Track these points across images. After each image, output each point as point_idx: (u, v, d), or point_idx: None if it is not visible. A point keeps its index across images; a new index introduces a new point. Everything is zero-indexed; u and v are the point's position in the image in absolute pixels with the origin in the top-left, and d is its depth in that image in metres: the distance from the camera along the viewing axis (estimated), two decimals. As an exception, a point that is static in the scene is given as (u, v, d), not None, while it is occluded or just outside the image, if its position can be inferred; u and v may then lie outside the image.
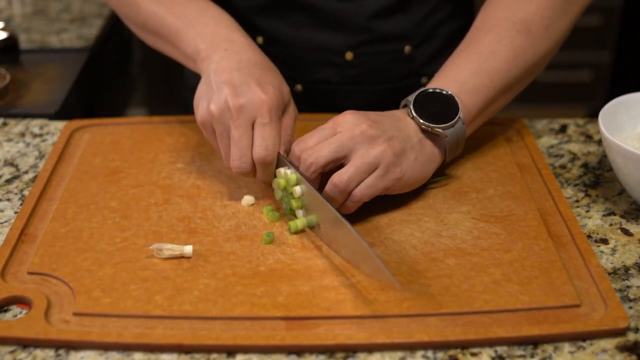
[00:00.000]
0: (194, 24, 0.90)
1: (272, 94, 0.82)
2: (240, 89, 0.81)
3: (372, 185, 0.78)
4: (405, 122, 0.83)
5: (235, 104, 0.80)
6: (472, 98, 0.85)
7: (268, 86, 0.82)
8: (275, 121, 0.82)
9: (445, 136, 0.83)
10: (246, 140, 0.80)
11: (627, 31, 2.50)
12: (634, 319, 0.70)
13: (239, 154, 0.81)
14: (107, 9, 1.58)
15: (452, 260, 0.76)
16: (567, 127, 1.04)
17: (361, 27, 1.02)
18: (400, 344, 0.67)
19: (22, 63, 1.31)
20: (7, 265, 0.76)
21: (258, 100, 0.81)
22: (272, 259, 0.76)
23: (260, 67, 0.85)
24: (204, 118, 0.83)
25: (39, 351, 0.67)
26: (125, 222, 0.82)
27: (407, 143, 0.81)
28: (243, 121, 0.80)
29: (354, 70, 1.06)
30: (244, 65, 0.84)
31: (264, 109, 0.81)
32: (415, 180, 0.82)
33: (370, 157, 0.78)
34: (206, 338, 0.67)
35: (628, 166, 0.81)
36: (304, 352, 0.67)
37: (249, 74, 0.83)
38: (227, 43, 0.87)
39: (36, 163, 0.95)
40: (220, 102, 0.81)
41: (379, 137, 0.79)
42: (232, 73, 0.83)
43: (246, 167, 0.81)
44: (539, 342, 0.68)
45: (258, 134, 0.81)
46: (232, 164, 0.81)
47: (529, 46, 0.88)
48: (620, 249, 0.80)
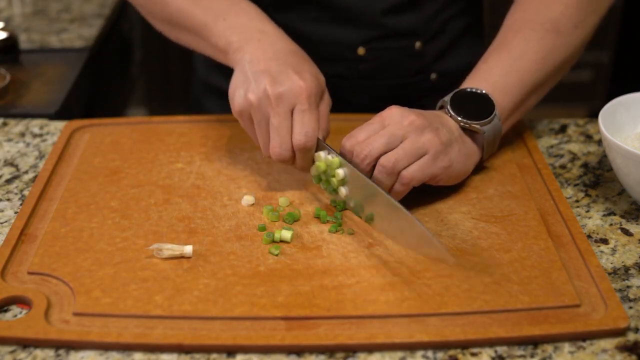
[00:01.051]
0: (224, 17, 0.90)
1: (310, 81, 0.83)
2: (278, 77, 0.82)
3: (422, 169, 0.80)
4: (446, 119, 0.85)
5: (274, 92, 0.81)
6: (504, 96, 0.88)
7: (305, 74, 0.83)
8: (314, 108, 0.83)
9: (483, 132, 0.85)
10: (286, 128, 0.81)
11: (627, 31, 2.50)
12: (634, 319, 0.70)
13: (279, 141, 0.81)
14: (107, 9, 1.58)
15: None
16: (567, 127, 1.04)
17: (373, 23, 1.03)
18: (400, 344, 0.67)
19: (22, 63, 1.31)
20: (7, 265, 0.76)
21: (297, 88, 0.82)
22: (272, 259, 0.76)
23: (296, 55, 0.86)
24: (242, 107, 0.83)
25: (39, 351, 0.67)
26: (125, 222, 0.82)
27: (452, 135, 0.84)
28: (282, 109, 0.81)
29: (365, 65, 1.06)
30: (279, 55, 0.85)
31: (303, 96, 0.81)
32: (459, 172, 0.84)
33: (420, 143, 0.80)
34: (206, 338, 0.67)
35: (628, 166, 0.81)
36: (304, 352, 0.67)
37: (285, 63, 0.84)
38: (260, 34, 0.87)
39: (36, 163, 0.95)
40: (258, 91, 0.82)
41: (427, 126, 0.81)
42: (269, 62, 0.83)
43: (286, 154, 0.82)
44: (539, 342, 0.68)
45: (298, 121, 0.82)
46: (273, 152, 0.82)
47: (558, 45, 0.90)
48: (620, 249, 0.80)
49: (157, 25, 1.00)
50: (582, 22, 0.91)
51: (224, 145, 0.96)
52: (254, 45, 0.86)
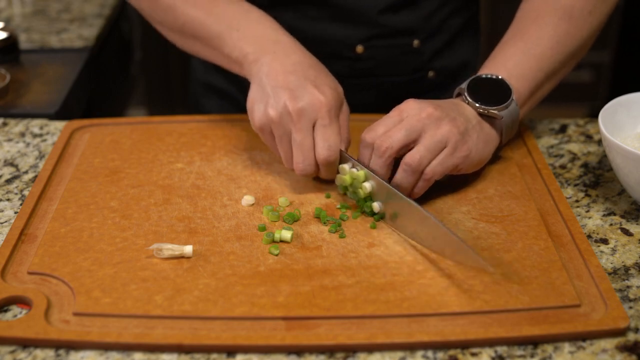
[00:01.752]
0: (237, 27, 0.89)
1: (329, 95, 0.83)
2: (297, 92, 0.82)
3: (442, 163, 0.81)
4: (463, 106, 0.86)
5: (295, 107, 0.81)
6: (521, 82, 0.89)
7: (325, 87, 0.84)
8: (335, 121, 0.83)
9: (501, 117, 0.86)
10: (309, 143, 0.82)
11: (627, 31, 2.50)
12: (634, 319, 0.70)
13: (303, 156, 0.82)
14: (107, 9, 1.58)
15: (451, 260, 0.76)
16: (567, 127, 1.04)
17: (372, 21, 1.03)
18: (400, 344, 0.67)
19: (22, 63, 1.31)
20: (7, 265, 0.76)
21: (317, 103, 0.82)
22: (272, 259, 0.76)
23: (314, 68, 0.86)
24: (263, 122, 0.84)
25: (39, 351, 0.67)
26: (125, 222, 0.82)
27: (469, 123, 0.84)
28: (304, 124, 0.82)
29: (363, 63, 1.06)
30: (297, 68, 0.85)
31: (323, 111, 0.82)
32: (480, 158, 0.85)
33: (439, 136, 0.81)
34: (206, 338, 0.67)
35: (628, 166, 0.81)
36: (304, 352, 0.67)
37: (304, 76, 0.84)
38: (275, 45, 0.87)
39: (36, 163, 0.95)
40: (279, 107, 0.82)
41: (444, 117, 0.82)
42: (287, 76, 0.83)
43: (310, 169, 0.83)
44: (539, 342, 0.68)
45: (320, 135, 0.82)
46: (296, 167, 0.83)
47: (572, 32, 0.92)
48: (620, 249, 0.80)
49: (169, 35, 0.99)
50: (595, 9, 0.93)
51: (224, 145, 0.96)
52: (269, 57, 0.86)
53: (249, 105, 0.85)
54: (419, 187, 0.82)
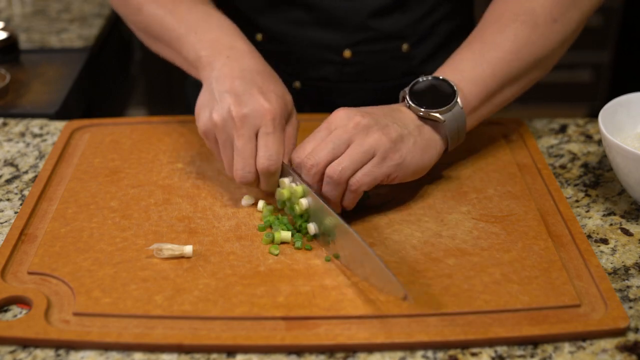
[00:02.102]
0: (196, 30, 0.89)
1: (275, 102, 0.81)
2: (243, 97, 0.81)
3: (369, 173, 0.78)
4: (401, 111, 0.83)
5: (238, 113, 0.80)
6: (473, 87, 0.85)
7: (271, 94, 0.82)
8: (279, 130, 0.81)
9: (443, 121, 0.82)
10: (250, 150, 0.80)
11: (627, 31, 2.50)
12: (634, 319, 0.70)
13: (243, 163, 0.80)
14: (107, 9, 1.58)
15: (452, 260, 0.76)
16: (567, 127, 1.04)
17: (360, 25, 1.03)
18: (400, 344, 0.67)
19: (22, 63, 1.31)
20: (7, 265, 0.76)
21: (261, 110, 0.80)
22: (272, 259, 0.76)
23: (263, 75, 0.85)
24: (207, 127, 0.82)
25: (39, 351, 0.67)
26: (125, 222, 0.82)
27: (404, 129, 0.81)
28: (246, 131, 0.80)
29: (352, 68, 1.06)
30: (246, 74, 0.83)
31: (267, 118, 0.80)
32: (417, 166, 0.81)
33: (366, 145, 0.78)
34: (206, 338, 0.67)
35: (628, 166, 0.81)
36: (304, 352, 0.67)
37: (251, 82, 0.82)
38: (229, 50, 0.86)
39: (36, 163, 0.95)
40: (223, 112, 0.80)
41: (373, 125, 0.79)
42: (234, 81, 0.82)
43: (250, 177, 0.81)
44: (539, 342, 0.68)
45: (262, 144, 0.80)
46: (236, 174, 0.81)
47: (536, 38, 0.87)
48: (620, 249, 0.80)
49: (138, 36, 0.99)
50: (562, 16, 0.88)
51: (224, 145, 0.96)
52: (221, 62, 0.84)
53: (197, 109, 0.84)
54: (347, 199, 0.79)
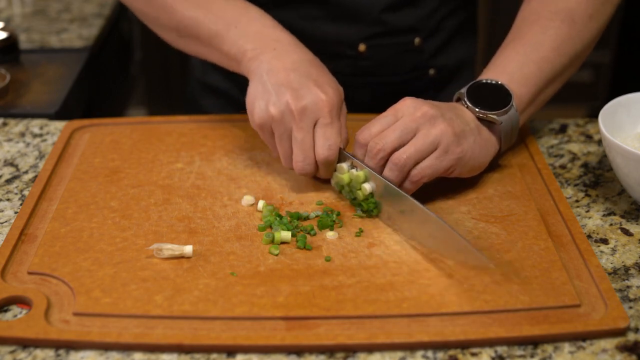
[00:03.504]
0: (236, 25, 0.89)
1: (332, 94, 0.83)
2: (300, 91, 0.82)
3: (431, 165, 0.80)
4: (462, 109, 0.85)
5: (298, 106, 0.81)
6: (522, 87, 0.88)
7: (327, 87, 0.83)
8: (337, 120, 0.83)
9: (500, 123, 0.85)
10: (309, 142, 0.82)
11: (627, 31, 2.50)
12: (634, 319, 0.70)
13: (303, 155, 0.82)
14: (107, 9, 1.58)
15: (452, 260, 0.76)
16: (567, 127, 1.04)
17: (374, 20, 1.03)
18: (400, 344, 0.67)
19: (22, 63, 1.31)
20: (7, 265, 0.76)
21: (320, 102, 0.82)
22: (272, 259, 0.76)
23: (314, 66, 0.86)
24: (263, 120, 0.83)
25: (39, 351, 0.67)
26: (125, 222, 0.82)
27: (466, 126, 0.83)
28: (306, 123, 0.81)
29: (365, 62, 1.07)
30: (298, 66, 0.84)
31: (325, 110, 0.82)
32: (475, 163, 0.84)
33: (432, 136, 0.80)
34: (206, 338, 0.67)
35: (628, 166, 0.81)
36: (304, 352, 0.67)
37: (306, 75, 0.83)
38: (276, 43, 0.87)
39: (36, 163, 0.95)
40: (281, 105, 0.81)
41: (439, 116, 0.81)
42: (289, 74, 0.83)
43: (309, 168, 0.83)
44: (539, 342, 0.68)
45: (320, 135, 0.82)
46: (296, 166, 0.82)
47: (574, 35, 0.90)
48: (620, 249, 0.80)
49: (163, 34, 0.98)
50: (597, 12, 0.92)
51: (224, 145, 0.96)
52: (270, 55, 0.85)
53: (249, 102, 0.85)
54: (405, 189, 0.81)
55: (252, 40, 0.87)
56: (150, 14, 0.97)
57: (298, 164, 0.83)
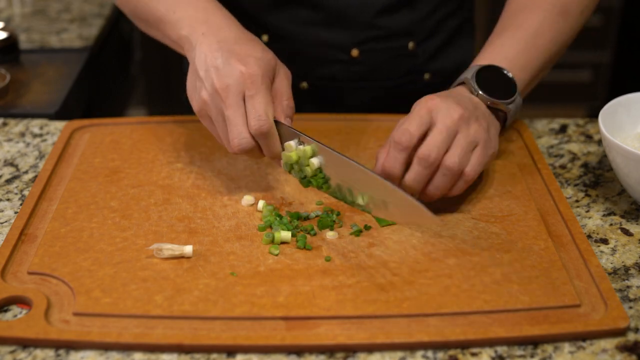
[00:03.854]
0: (174, 9, 0.89)
1: (252, 64, 0.81)
2: (223, 70, 0.81)
3: (480, 162, 0.81)
4: (473, 99, 0.86)
5: (221, 85, 0.80)
6: (521, 73, 0.90)
7: (249, 58, 0.82)
8: (264, 90, 0.81)
9: (509, 110, 0.87)
10: (240, 117, 0.80)
11: (627, 31, 2.50)
12: (634, 319, 0.70)
13: (236, 131, 0.80)
14: (107, 9, 1.58)
15: (452, 260, 0.76)
16: (567, 127, 1.04)
17: (367, 24, 1.03)
18: (400, 344, 0.67)
19: (22, 63, 1.31)
20: (7, 265, 0.76)
21: (239, 75, 0.80)
22: (272, 259, 0.76)
23: (240, 42, 0.84)
24: (200, 107, 0.83)
25: (39, 351, 0.67)
26: (125, 222, 0.82)
27: (487, 119, 0.85)
28: (232, 99, 0.80)
29: (359, 66, 1.06)
30: (223, 45, 0.83)
31: (248, 82, 0.80)
32: (496, 150, 0.85)
33: (470, 137, 0.81)
34: (206, 338, 0.67)
35: (628, 166, 0.81)
36: (304, 352, 0.67)
37: (229, 52, 0.82)
38: (205, 25, 0.86)
39: (36, 163, 0.95)
40: (209, 88, 0.81)
41: (471, 117, 0.82)
42: (214, 55, 0.82)
43: (246, 142, 0.80)
44: (539, 342, 0.68)
45: (249, 107, 0.80)
46: (232, 144, 0.81)
47: (566, 28, 0.94)
48: (620, 249, 0.80)
49: (134, 22, 0.99)
50: (586, 9, 0.96)
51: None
52: (199, 40, 0.85)
53: (188, 93, 0.85)
54: (457, 188, 0.81)
55: (186, 25, 0.87)
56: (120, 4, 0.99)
57: (234, 141, 0.80)
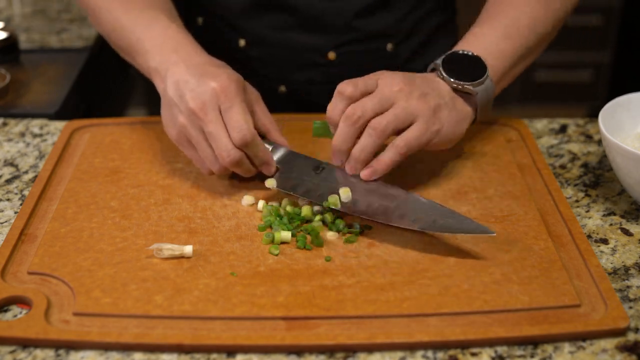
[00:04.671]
0: (144, 39, 0.89)
1: (224, 79, 0.82)
2: (197, 90, 0.81)
3: (415, 136, 0.81)
4: (437, 82, 0.86)
5: (197, 104, 0.81)
6: (497, 61, 0.90)
7: (218, 76, 0.82)
8: (238, 101, 0.81)
9: (476, 93, 0.86)
10: (222, 130, 0.81)
11: (627, 31, 2.50)
12: (634, 319, 0.70)
13: (222, 145, 0.80)
14: (107, 9, 1.57)
15: (452, 260, 0.76)
16: (567, 127, 1.04)
17: (344, 27, 1.03)
18: (400, 344, 0.67)
19: (22, 63, 1.31)
20: (7, 265, 0.76)
21: (212, 91, 0.81)
22: (272, 259, 0.76)
23: (211, 64, 0.85)
24: (178, 132, 0.83)
25: (39, 351, 0.67)
26: (125, 222, 0.82)
27: (441, 99, 0.84)
28: (211, 115, 0.81)
29: (337, 69, 1.06)
30: (194, 70, 0.84)
31: (222, 96, 0.81)
32: (452, 135, 0.85)
33: (410, 108, 0.81)
34: (206, 338, 0.67)
35: (628, 166, 0.81)
36: (304, 352, 0.67)
37: (200, 74, 0.83)
38: (174, 55, 0.86)
39: (36, 163, 0.95)
40: (185, 111, 0.81)
41: (414, 91, 0.82)
42: (185, 79, 0.83)
43: (234, 153, 0.81)
44: (539, 342, 0.68)
45: (227, 120, 0.81)
46: (221, 157, 0.81)
47: (548, 16, 0.94)
48: (620, 249, 0.80)
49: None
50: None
51: (224, 145, 0.96)
52: (170, 69, 0.85)
53: (164, 125, 0.86)
54: (387, 156, 0.81)
55: (157, 55, 0.87)
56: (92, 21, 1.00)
57: (222, 155, 0.81)
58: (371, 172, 0.82)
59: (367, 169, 0.82)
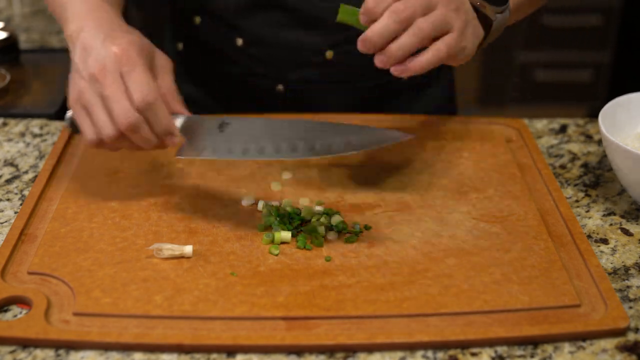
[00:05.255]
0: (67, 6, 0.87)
1: (125, 44, 0.79)
2: (99, 54, 0.79)
3: (450, 45, 0.78)
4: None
5: (97, 68, 0.78)
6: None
7: (120, 39, 0.80)
8: (140, 65, 0.79)
9: (494, 20, 0.85)
10: (121, 93, 0.78)
11: (627, 31, 2.50)
12: (634, 319, 0.70)
13: (119, 107, 0.78)
14: (107, 9, 1.57)
15: (452, 260, 0.76)
16: (567, 127, 1.04)
17: (341, 26, 1.03)
18: (400, 344, 0.67)
19: (22, 63, 1.31)
20: (7, 265, 0.76)
21: (113, 55, 0.78)
22: (272, 259, 0.76)
23: (116, 29, 0.83)
24: (76, 97, 0.80)
25: (39, 351, 0.67)
26: (125, 222, 0.82)
27: (469, 16, 0.82)
28: (111, 78, 0.78)
29: (334, 69, 1.06)
30: (99, 36, 0.81)
31: (123, 60, 0.78)
32: (469, 53, 0.82)
33: (449, 17, 0.78)
34: (206, 338, 0.67)
35: (628, 166, 0.81)
36: (304, 352, 0.67)
37: (104, 38, 0.80)
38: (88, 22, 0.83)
39: (36, 163, 0.95)
40: (86, 75, 0.79)
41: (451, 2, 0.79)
42: (90, 43, 0.80)
43: (132, 115, 0.78)
44: (539, 342, 0.68)
45: (129, 82, 0.78)
46: (118, 121, 0.78)
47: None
48: (620, 249, 0.80)
49: None
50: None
51: (224, 145, 0.96)
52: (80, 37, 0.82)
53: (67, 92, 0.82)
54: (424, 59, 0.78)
55: (74, 22, 0.85)
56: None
57: (119, 118, 0.78)
58: (403, 69, 0.79)
59: (399, 65, 0.79)
